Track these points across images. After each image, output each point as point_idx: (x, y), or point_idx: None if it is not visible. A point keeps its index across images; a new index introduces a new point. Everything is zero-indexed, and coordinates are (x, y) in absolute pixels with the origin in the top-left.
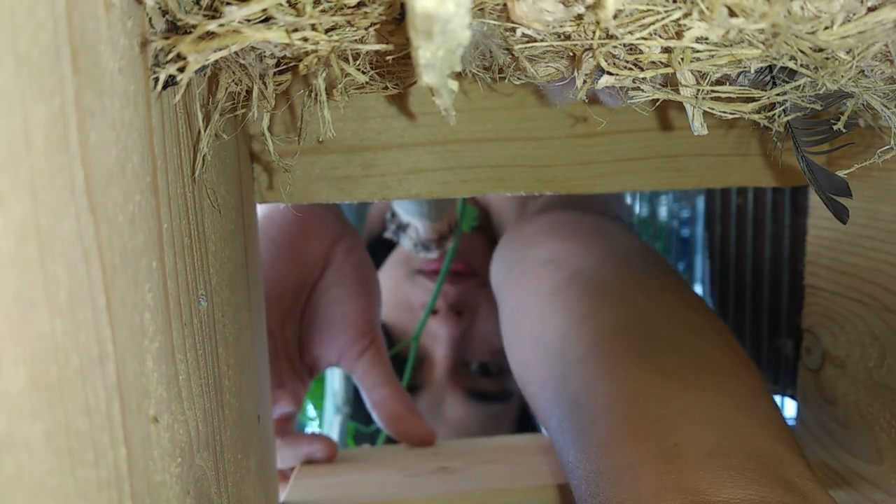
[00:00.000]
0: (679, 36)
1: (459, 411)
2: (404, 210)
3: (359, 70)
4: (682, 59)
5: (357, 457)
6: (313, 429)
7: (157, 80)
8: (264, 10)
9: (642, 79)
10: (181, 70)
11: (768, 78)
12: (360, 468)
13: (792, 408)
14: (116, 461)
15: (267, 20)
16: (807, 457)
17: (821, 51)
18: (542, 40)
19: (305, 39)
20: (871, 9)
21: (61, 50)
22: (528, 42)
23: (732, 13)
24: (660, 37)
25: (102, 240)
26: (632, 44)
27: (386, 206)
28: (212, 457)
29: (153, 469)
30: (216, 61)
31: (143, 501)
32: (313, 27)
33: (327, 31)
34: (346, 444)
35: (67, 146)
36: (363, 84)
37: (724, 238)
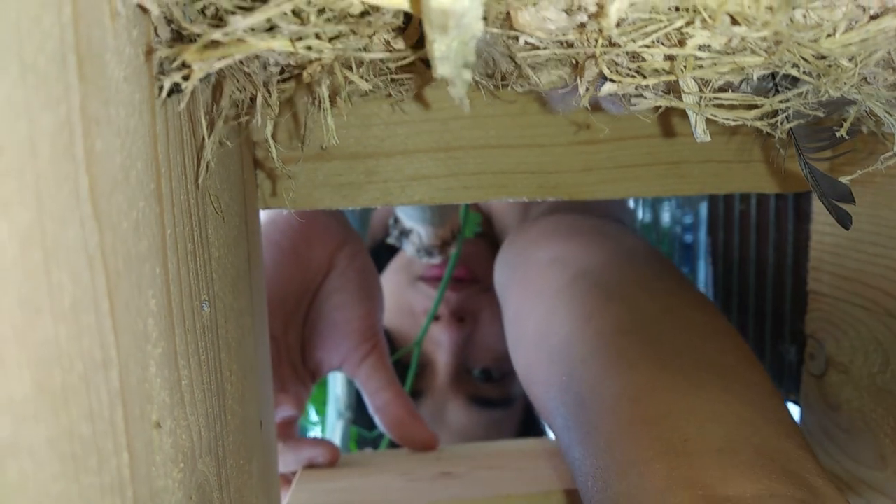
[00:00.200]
0: (682, 44)
1: (462, 417)
2: (407, 216)
3: (362, 78)
4: (685, 67)
5: (359, 461)
6: (316, 434)
7: (161, 88)
8: (268, 19)
9: (645, 86)
10: (186, 78)
11: (771, 85)
12: (361, 473)
13: (795, 414)
14: (119, 467)
15: (271, 29)
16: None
17: (823, 58)
18: (544, 48)
19: (309, 48)
20: (874, 17)
21: (67, 58)
22: (531, 50)
23: (735, 21)
24: (662, 45)
25: (107, 246)
26: (634, 52)
27: (389, 212)
28: (214, 462)
29: (156, 474)
30: (220, 69)
31: None
32: (317, 36)
33: (331, 40)
34: (349, 449)
35: (73, 154)
36: (366, 91)
37: (727, 244)
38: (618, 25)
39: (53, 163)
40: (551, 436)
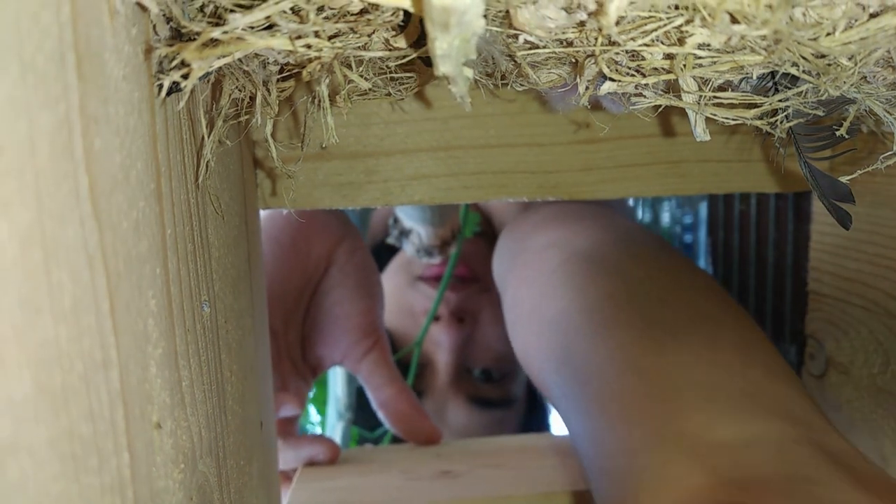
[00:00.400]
0: (681, 42)
1: (462, 418)
2: (407, 216)
3: (362, 76)
4: (685, 66)
5: (359, 458)
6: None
7: (161, 86)
8: (268, 17)
9: (644, 85)
10: (185, 77)
11: (770, 84)
12: (361, 471)
13: None
14: (120, 467)
15: (270, 27)
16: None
17: (823, 57)
18: (544, 47)
19: (309, 46)
20: (873, 15)
21: (66, 57)
22: (530, 48)
23: (734, 20)
24: (662, 43)
25: (107, 246)
26: (634, 50)
27: (389, 211)
28: (214, 463)
29: (156, 475)
30: (220, 68)
31: None
32: (317, 34)
33: (330, 38)
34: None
35: (72, 153)
36: (366, 90)
37: (726, 244)
38: (617, 24)
39: (53, 162)
40: (553, 432)
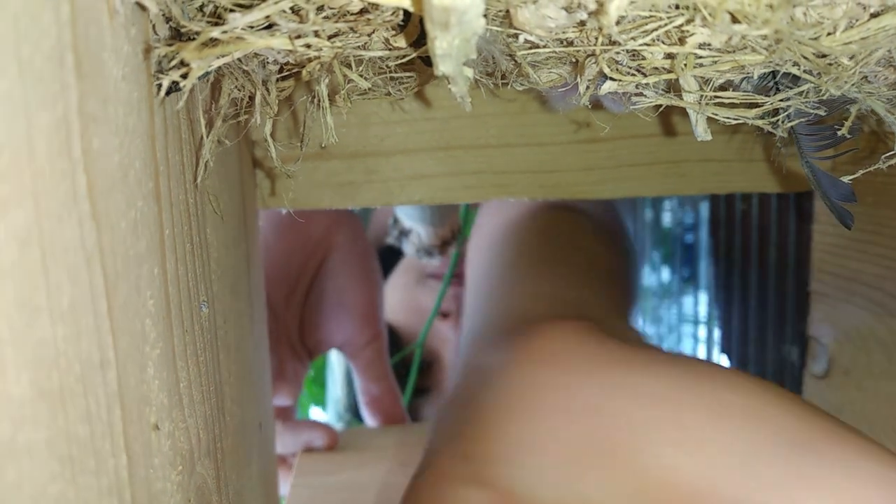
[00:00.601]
0: (682, 42)
1: None
2: (407, 216)
3: (361, 76)
4: (685, 65)
5: (356, 443)
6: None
7: (160, 86)
8: (267, 16)
9: (645, 84)
10: (184, 76)
11: (771, 83)
12: (358, 462)
13: None
14: (117, 469)
15: (270, 27)
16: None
17: (824, 57)
18: (544, 46)
19: (308, 46)
20: (874, 15)
21: (65, 57)
22: (530, 48)
23: (735, 19)
24: (663, 43)
25: (105, 246)
26: (634, 50)
27: (389, 212)
28: (213, 464)
29: (154, 477)
30: (219, 68)
31: None
32: (316, 34)
33: (330, 38)
34: None
35: (70, 153)
36: (366, 90)
37: (728, 244)
38: (618, 23)
39: (51, 162)
40: None
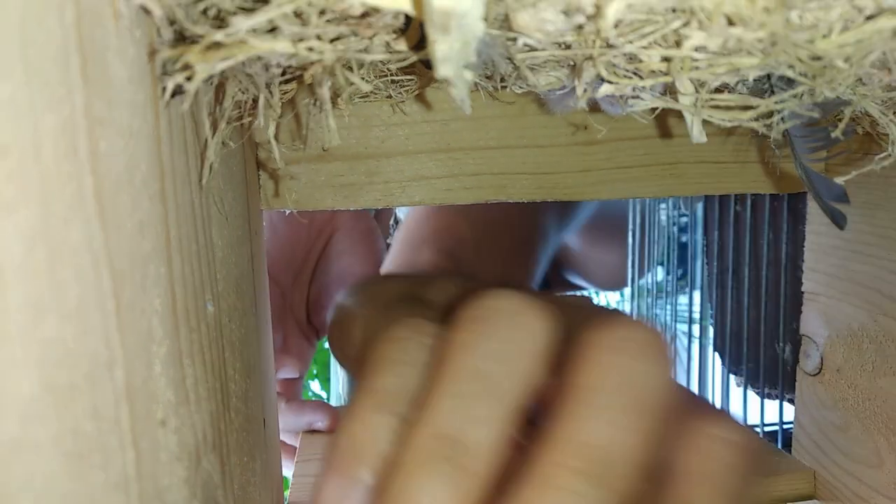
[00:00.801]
0: (678, 45)
1: None
2: None
3: (363, 79)
4: (682, 68)
5: None
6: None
7: (165, 89)
8: (270, 20)
9: (642, 87)
10: (189, 79)
11: (766, 86)
12: None
13: (791, 412)
14: (125, 465)
15: (273, 30)
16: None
17: (818, 59)
18: (543, 49)
19: (311, 49)
20: (869, 17)
21: (70, 59)
22: (529, 51)
23: (731, 22)
24: (659, 46)
25: (111, 246)
26: (631, 53)
27: (391, 213)
28: (218, 460)
29: (161, 472)
30: (223, 70)
31: None
32: (318, 37)
33: (332, 41)
34: None
35: (77, 154)
36: (367, 93)
37: (722, 244)
38: (615, 27)
39: (57, 163)
40: None
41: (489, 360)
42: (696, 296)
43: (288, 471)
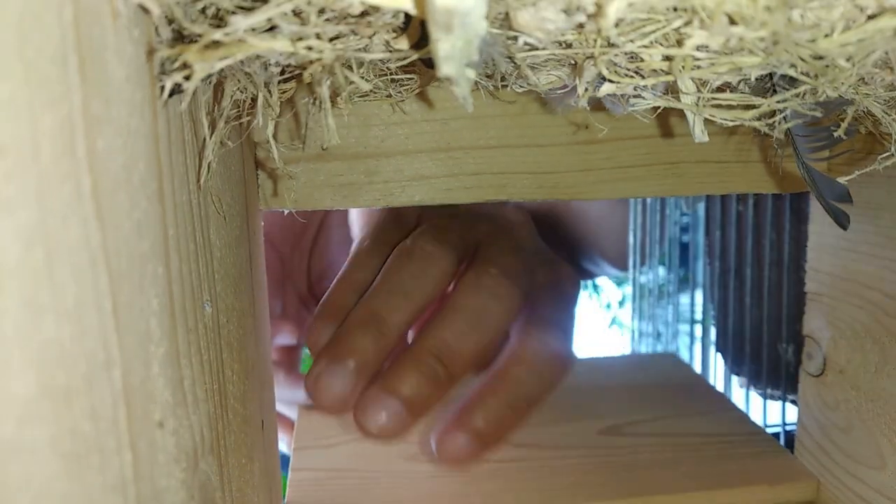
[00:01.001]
0: (680, 44)
1: None
2: None
3: (363, 78)
4: (683, 67)
5: None
6: None
7: (163, 88)
8: (269, 19)
9: (643, 86)
10: (187, 78)
11: (769, 85)
12: (360, 447)
13: (793, 413)
14: (122, 466)
15: (272, 29)
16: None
17: (821, 58)
18: (543, 48)
19: (310, 48)
20: (871, 17)
21: (69, 58)
22: (530, 50)
23: (733, 21)
24: (661, 45)
25: (109, 246)
26: (633, 52)
27: None
28: (216, 461)
29: (158, 474)
30: (221, 70)
31: None
32: (317, 36)
33: (331, 40)
34: None
35: (75, 153)
36: (367, 92)
37: (724, 244)
38: (616, 26)
39: (55, 162)
40: None
41: (407, 276)
42: (699, 296)
43: (284, 445)
